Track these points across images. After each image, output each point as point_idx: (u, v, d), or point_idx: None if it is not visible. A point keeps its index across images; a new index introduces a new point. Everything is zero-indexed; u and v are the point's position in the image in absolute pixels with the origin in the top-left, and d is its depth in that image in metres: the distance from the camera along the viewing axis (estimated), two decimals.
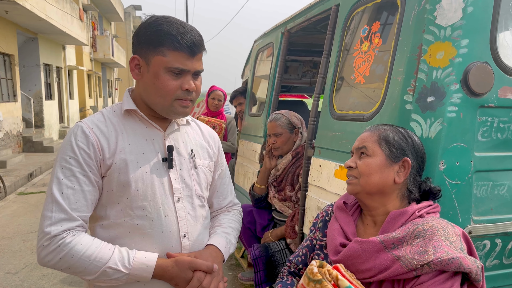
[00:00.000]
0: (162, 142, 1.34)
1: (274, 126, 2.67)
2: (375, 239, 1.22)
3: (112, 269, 1.17)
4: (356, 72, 1.92)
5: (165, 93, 1.24)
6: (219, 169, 1.55)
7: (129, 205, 1.26)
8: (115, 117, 1.31)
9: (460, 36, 1.47)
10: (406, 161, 1.30)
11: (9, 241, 4.77)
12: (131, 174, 1.25)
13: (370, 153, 1.31)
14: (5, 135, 10.44)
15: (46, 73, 14.14)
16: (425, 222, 1.20)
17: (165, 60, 1.22)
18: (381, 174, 1.29)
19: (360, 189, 1.31)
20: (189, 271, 1.25)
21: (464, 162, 1.47)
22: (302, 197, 2.35)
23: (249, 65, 4.24)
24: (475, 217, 1.51)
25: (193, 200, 1.37)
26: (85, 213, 1.21)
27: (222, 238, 1.44)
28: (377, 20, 1.83)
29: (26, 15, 10.32)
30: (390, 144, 1.31)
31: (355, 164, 1.34)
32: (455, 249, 1.13)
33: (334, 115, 2.04)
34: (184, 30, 1.23)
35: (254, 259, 2.52)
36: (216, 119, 4.33)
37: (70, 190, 1.19)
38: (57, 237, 1.15)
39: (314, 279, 1.11)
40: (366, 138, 1.35)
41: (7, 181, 7.48)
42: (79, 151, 1.21)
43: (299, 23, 2.77)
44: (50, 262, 1.16)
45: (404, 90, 1.54)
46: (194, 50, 1.24)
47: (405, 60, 1.56)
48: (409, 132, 1.37)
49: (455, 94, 1.46)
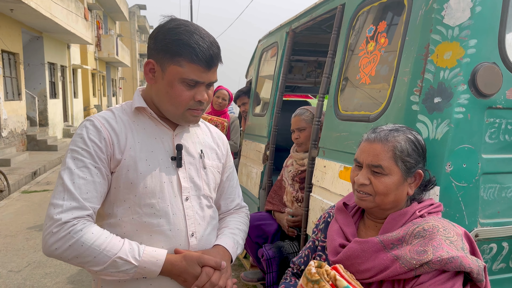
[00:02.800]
0: (171, 141, 1.34)
1: (298, 120, 2.63)
2: (374, 239, 1.21)
3: (122, 259, 1.16)
4: (362, 72, 1.90)
5: (177, 103, 1.25)
6: (227, 171, 1.55)
7: (137, 202, 1.25)
8: (125, 115, 1.32)
9: (468, 36, 1.44)
10: (419, 173, 1.28)
11: (12, 239, 4.78)
12: (139, 172, 1.25)
13: (386, 172, 1.24)
14: (9, 133, 10.48)
15: (50, 72, 14.20)
16: (426, 221, 1.19)
17: (181, 71, 1.22)
18: (397, 191, 1.25)
19: (375, 205, 1.28)
20: (197, 266, 1.25)
21: (471, 164, 1.45)
22: (306, 198, 2.33)
23: (253, 65, 4.23)
24: (482, 220, 1.49)
25: (201, 199, 1.36)
26: (95, 204, 1.21)
27: (229, 238, 1.43)
28: (383, 20, 1.81)
29: (31, 14, 10.37)
30: (406, 161, 1.25)
31: (369, 181, 1.26)
32: (455, 248, 1.12)
33: (339, 115, 2.02)
34: (203, 42, 1.22)
35: (267, 259, 2.49)
36: (218, 117, 4.31)
37: (82, 180, 1.18)
38: (67, 224, 1.13)
39: (312, 279, 1.10)
40: (380, 155, 1.25)
41: (11, 179, 7.51)
42: (91, 143, 1.21)
43: (304, 22, 2.75)
44: (57, 250, 1.13)
45: (411, 90, 1.52)
46: (211, 64, 1.25)
47: (411, 60, 1.54)
48: (417, 136, 1.32)
49: (462, 95, 1.44)
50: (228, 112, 4.71)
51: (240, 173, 3.89)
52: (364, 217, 1.39)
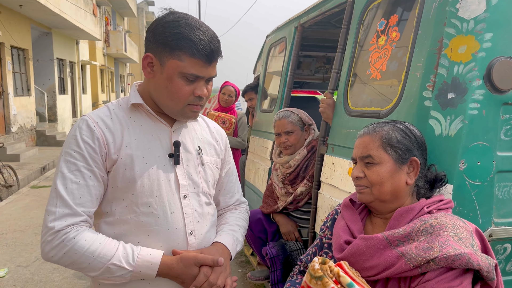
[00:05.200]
0: (168, 138, 1.31)
1: (285, 123, 2.55)
2: (379, 236, 1.18)
3: (116, 265, 1.15)
4: (372, 67, 1.85)
5: (177, 98, 1.22)
6: (226, 167, 1.52)
7: (135, 201, 1.23)
8: (121, 111, 1.29)
9: (484, 29, 1.40)
10: (414, 160, 1.26)
11: (21, 234, 4.81)
12: (136, 170, 1.22)
13: (377, 160, 1.25)
14: (19, 129, 10.57)
15: (59, 68, 14.29)
16: (433, 218, 1.15)
17: (181, 65, 1.19)
18: (392, 180, 1.24)
19: (374, 198, 1.27)
20: (194, 267, 1.23)
21: (486, 162, 1.41)
22: (314, 195, 2.30)
23: (261, 60, 4.19)
24: (496, 219, 1.45)
25: (199, 197, 1.34)
26: (90, 208, 1.19)
27: (229, 235, 1.41)
28: (394, 13, 1.76)
29: (40, 10, 10.42)
30: (395, 146, 1.25)
31: (363, 174, 1.28)
32: (464, 245, 1.08)
33: (348, 111, 1.99)
34: (204, 36, 1.19)
35: (271, 258, 2.47)
36: (226, 114, 4.28)
37: (74, 185, 1.17)
38: (60, 232, 1.13)
39: (315, 275, 1.08)
40: (368, 145, 1.28)
41: (20, 174, 7.57)
42: (84, 145, 1.19)
43: (313, 17, 2.71)
44: (54, 257, 1.14)
45: (423, 86, 1.48)
46: (211, 58, 1.22)
47: (424, 54, 1.49)
48: (408, 126, 1.31)
49: (477, 91, 1.39)
50: (236, 108, 4.68)
51: (247, 169, 3.86)
52: (371, 214, 1.36)
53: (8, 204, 6.14)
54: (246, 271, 3.70)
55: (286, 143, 2.55)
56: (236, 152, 4.35)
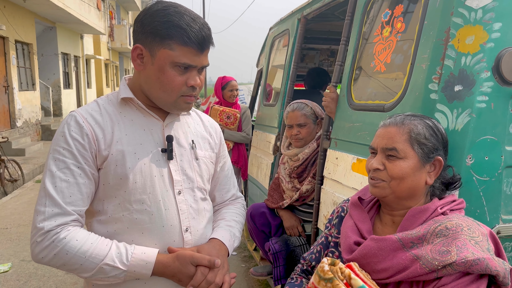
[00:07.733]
0: (161, 132, 1.27)
1: (298, 116, 2.47)
2: (392, 237, 1.13)
3: (109, 266, 1.12)
4: (377, 59, 1.80)
5: (170, 89, 1.19)
6: (221, 161, 1.49)
7: (127, 198, 1.19)
8: (110, 106, 1.25)
9: (493, 19, 1.34)
10: (439, 160, 1.20)
11: (25, 228, 4.82)
12: (128, 166, 1.19)
13: (401, 155, 1.18)
14: (24, 123, 10.61)
15: (64, 62, 14.32)
16: (448, 219, 1.11)
17: (173, 55, 1.15)
18: (414, 177, 1.18)
19: (390, 192, 1.20)
20: (191, 266, 1.19)
21: (494, 157, 1.36)
22: (317, 190, 2.26)
23: (264, 53, 4.14)
24: (504, 216, 1.40)
25: (194, 192, 1.30)
26: (81, 207, 1.15)
27: (226, 231, 1.38)
28: (399, 3, 1.71)
29: (44, 4, 10.42)
30: (423, 143, 1.18)
31: (383, 166, 1.20)
32: (481, 249, 1.04)
33: (352, 105, 1.94)
34: (194, 23, 1.15)
35: (273, 253, 2.44)
36: (230, 109, 4.24)
37: (64, 183, 1.13)
38: (50, 232, 1.09)
39: (325, 277, 1.05)
40: (395, 137, 1.19)
41: (25, 169, 7.60)
42: (73, 141, 1.15)
43: (316, 8, 2.65)
44: (44, 258, 1.11)
45: (429, 78, 1.43)
46: (203, 46, 1.18)
47: (430, 45, 1.44)
48: (436, 123, 1.25)
49: (485, 83, 1.34)
50: (239, 102, 4.63)
51: (250, 164, 3.83)
52: (380, 213, 1.31)
53: (13, 199, 6.17)
54: (249, 265, 3.68)
55: (297, 135, 2.49)
56: (241, 146, 4.31)
